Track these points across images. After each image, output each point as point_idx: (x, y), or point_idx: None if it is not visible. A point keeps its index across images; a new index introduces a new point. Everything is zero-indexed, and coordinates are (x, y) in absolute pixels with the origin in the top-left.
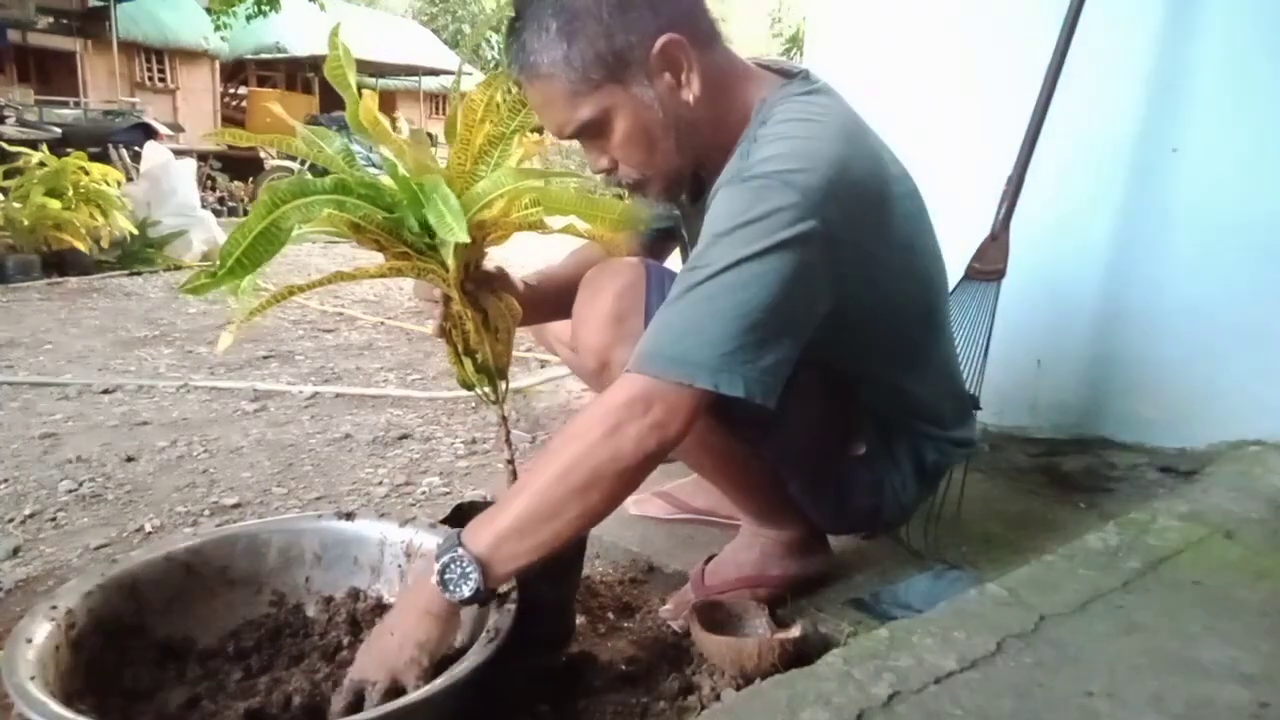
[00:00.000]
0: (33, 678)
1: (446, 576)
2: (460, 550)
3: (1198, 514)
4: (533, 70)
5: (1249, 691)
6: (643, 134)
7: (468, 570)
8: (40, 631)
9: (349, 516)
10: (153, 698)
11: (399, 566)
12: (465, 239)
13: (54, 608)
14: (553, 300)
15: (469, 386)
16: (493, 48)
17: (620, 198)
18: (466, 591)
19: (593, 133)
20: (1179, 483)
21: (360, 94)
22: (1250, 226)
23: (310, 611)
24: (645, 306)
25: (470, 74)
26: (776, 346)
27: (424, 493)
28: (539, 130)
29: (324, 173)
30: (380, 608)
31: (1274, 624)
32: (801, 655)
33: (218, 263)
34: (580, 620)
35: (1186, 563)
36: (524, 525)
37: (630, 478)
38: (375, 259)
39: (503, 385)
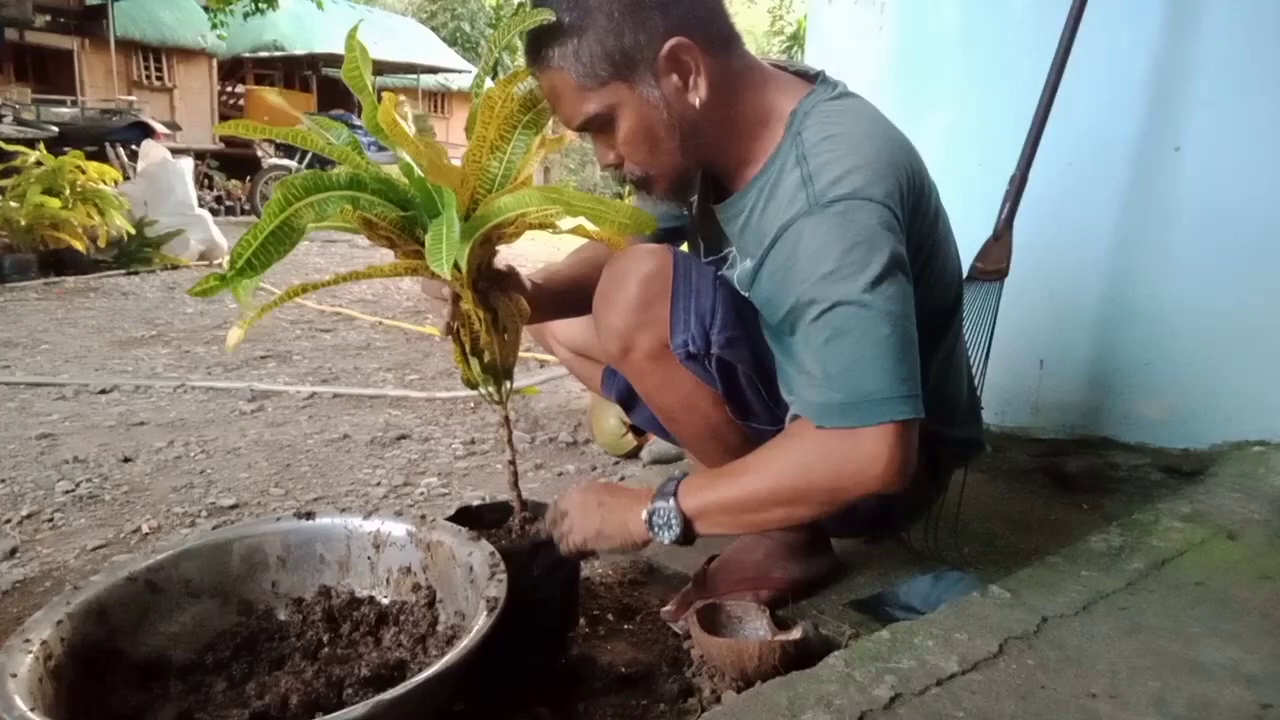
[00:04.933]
0: (33, 708)
1: (655, 520)
2: (673, 503)
3: (1200, 515)
4: (543, 61)
5: (1251, 693)
6: (647, 133)
7: (673, 522)
8: (22, 665)
9: (309, 516)
10: (141, 719)
11: (368, 558)
12: (447, 275)
13: (28, 640)
14: (558, 300)
15: (473, 386)
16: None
17: (621, 196)
18: (667, 539)
19: (599, 127)
20: (1182, 483)
21: (380, 97)
22: (1253, 225)
23: (282, 615)
24: (671, 293)
25: (470, 71)
26: (917, 353)
27: (422, 493)
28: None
29: (324, 164)
30: (354, 602)
31: (1277, 625)
32: (802, 657)
33: (227, 263)
34: (580, 622)
35: (1189, 564)
36: (733, 507)
37: (838, 508)
38: (373, 256)
39: (506, 385)
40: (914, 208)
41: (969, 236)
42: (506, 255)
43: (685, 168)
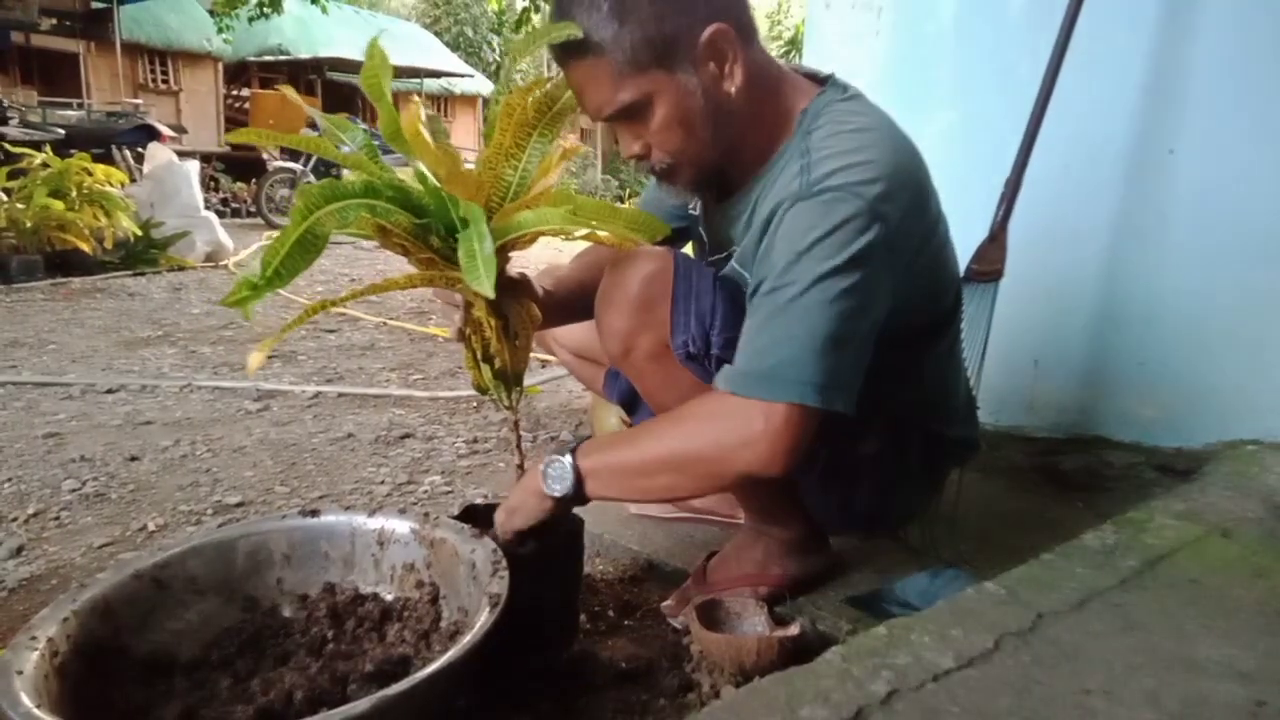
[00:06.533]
0: (39, 705)
1: (549, 472)
2: (569, 459)
3: (1194, 513)
4: (580, 49)
5: (1245, 689)
6: (682, 121)
7: (565, 476)
8: (28, 662)
9: (313, 514)
10: (147, 716)
11: (372, 555)
12: (490, 295)
13: (34, 638)
14: (566, 305)
15: (484, 390)
16: (494, 49)
17: (621, 199)
18: (558, 491)
19: (631, 116)
20: (1176, 482)
21: (397, 105)
22: (1247, 227)
23: (286, 612)
24: (672, 295)
25: (472, 75)
26: (863, 354)
27: (426, 491)
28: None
29: (329, 167)
30: (358, 599)
31: (1270, 622)
32: (800, 653)
33: (258, 273)
34: (581, 619)
35: (1183, 561)
36: (621, 469)
37: (727, 485)
38: (377, 257)
39: (516, 391)
40: (914, 213)
41: (965, 238)
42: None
43: (713, 157)
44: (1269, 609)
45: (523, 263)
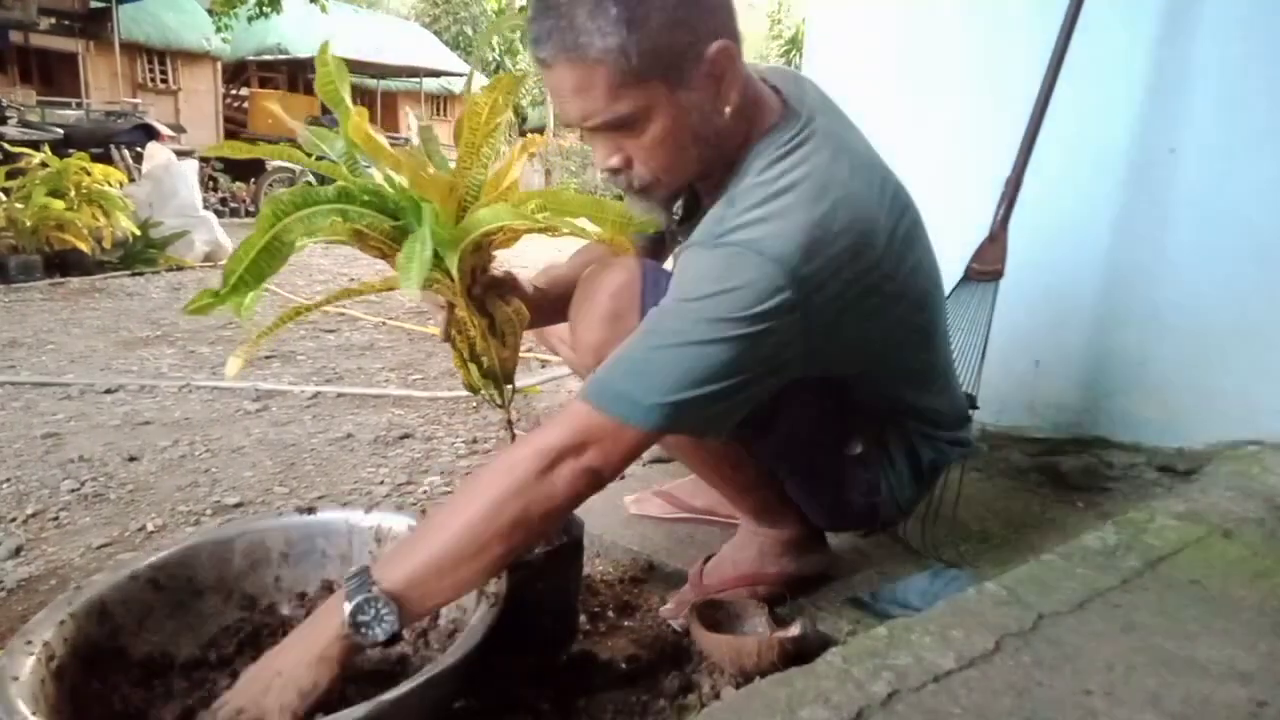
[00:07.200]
0: (35, 712)
1: (359, 619)
2: (374, 591)
3: (1196, 513)
4: (580, 52)
5: (1246, 690)
6: (675, 138)
7: (383, 612)
8: (24, 668)
9: (310, 511)
10: (145, 717)
11: (370, 553)
12: (414, 294)
13: (29, 642)
14: (560, 303)
15: (475, 390)
16: (494, 49)
17: (621, 198)
18: (381, 635)
19: (619, 128)
20: (1177, 482)
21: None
22: (1248, 226)
23: (285, 610)
24: (640, 305)
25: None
26: (727, 402)
27: (425, 492)
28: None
29: (323, 178)
30: None
31: (1272, 623)
32: (801, 654)
33: (221, 281)
34: (580, 619)
35: (1184, 562)
36: (444, 564)
37: (558, 517)
38: (382, 262)
39: (508, 388)
40: (847, 266)
41: (965, 237)
42: (509, 257)
43: (694, 177)
44: (1270, 609)
45: (521, 262)
